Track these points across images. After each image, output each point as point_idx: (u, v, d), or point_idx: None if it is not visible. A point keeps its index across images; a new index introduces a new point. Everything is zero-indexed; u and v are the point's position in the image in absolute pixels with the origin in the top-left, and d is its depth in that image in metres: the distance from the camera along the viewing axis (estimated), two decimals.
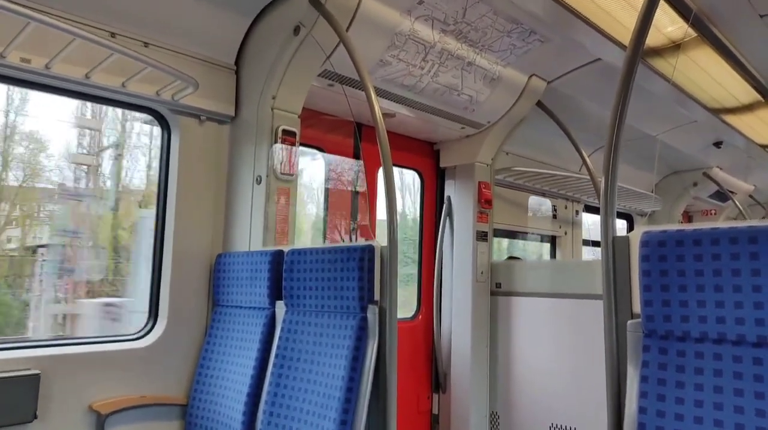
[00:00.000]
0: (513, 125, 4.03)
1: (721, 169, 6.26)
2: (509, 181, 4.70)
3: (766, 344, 1.38)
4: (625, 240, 1.72)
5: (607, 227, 1.75)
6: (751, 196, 7.34)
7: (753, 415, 1.36)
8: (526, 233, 5.19)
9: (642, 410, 1.53)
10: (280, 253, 2.58)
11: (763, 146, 5.49)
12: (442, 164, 4.30)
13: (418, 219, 4.32)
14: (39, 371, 2.30)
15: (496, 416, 3.94)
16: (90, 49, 2.16)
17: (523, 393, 3.81)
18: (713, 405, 1.42)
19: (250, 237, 2.83)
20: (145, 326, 2.79)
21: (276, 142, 2.81)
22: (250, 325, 2.63)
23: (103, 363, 2.53)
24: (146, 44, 2.63)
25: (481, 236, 4.08)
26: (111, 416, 2.50)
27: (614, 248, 1.73)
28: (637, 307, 1.64)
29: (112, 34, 2.51)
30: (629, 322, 1.66)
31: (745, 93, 4.19)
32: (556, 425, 3.58)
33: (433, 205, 4.35)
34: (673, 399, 1.48)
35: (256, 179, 2.83)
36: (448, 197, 4.23)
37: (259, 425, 2.37)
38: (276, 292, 2.58)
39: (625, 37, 3.29)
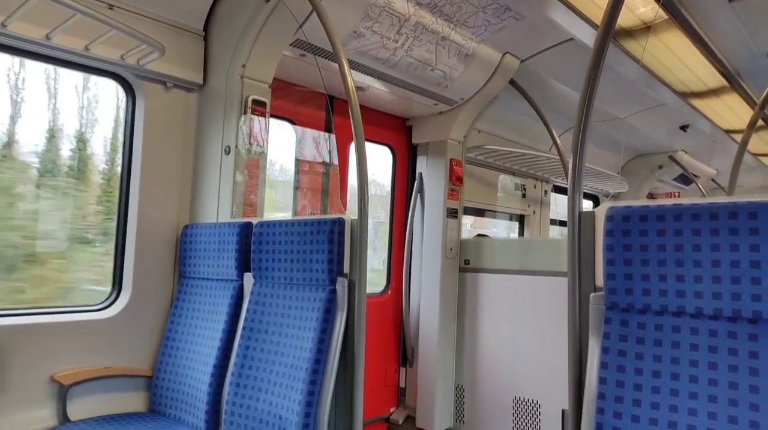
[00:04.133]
0: (486, 103, 4.04)
1: (686, 152, 6.41)
2: (480, 160, 4.73)
3: (723, 317, 1.43)
4: (591, 215, 1.75)
5: (573, 202, 1.78)
6: (713, 179, 7.55)
7: (706, 384, 1.41)
8: (495, 211, 5.24)
9: (602, 380, 1.57)
10: (248, 225, 2.55)
11: (727, 131, 5.63)
12: (414, 140, 4.29)
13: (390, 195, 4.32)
14: None
15: (462, 390, 4.02)
16: (50, 8, 2.07)
17: (488, 367, 3.89)
18: (670, 375, 1.47)
19: (218, 208, 2.78)
20: (109, 296, 2.74)
21: (246, 112, 2.76)
22: (217, 297, 2.61)
23: (66, 334, 2.48)
24: (111, 6, 2.53)
25: (452, 213, 4.10)
26: (73, 387, 2.46)
27: (580, 223, 1.76)
28: (600, 281, 1.68)
29: None
30: (592, 295, 1.69)
31: (712, 77, 4.28)
32: (520, 398, 3.68)
33: (405, 181, 4.35)
34: (633, 370, 1.53)
35: (225, 150, 2.78)
36: (420, 174, 4.23)
37: (226, 396, 2.36)
38: (244, 264, 2.55)
39: (598, 16, 3.31)
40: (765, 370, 1.33)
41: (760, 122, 4.98)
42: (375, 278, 4.27)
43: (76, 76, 2.79)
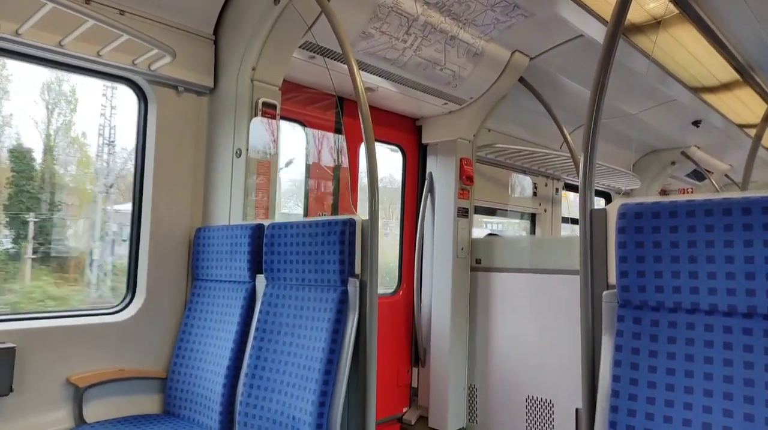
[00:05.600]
0: (495, 101, 4.03)
1: (699, 148, 6.34)
2: (491, 158, 4.71)
3: (737, 313, 1.42)
4: (603, 213, 1.74)
5: (585, 199, 1.77)
6: (727, 175, 7.46)
7: (721, 381, 1.40)
8: (507, 210, 5.23)
9: (615, 378, 1.56)
10: (260, 227, 2.57)
11: (740, 126, 5.56)
12: (424, 140, 4.29)
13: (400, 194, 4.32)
14: (14, 345, 2.27)
15: (474, 389, 4.01)
16: (63, 15, 2.10)
17: (500, 367, 3.87)
18: (684, 373, 1.46)
19: (230, 211, 2.80)
20: (123, 299, 2.77)
21: (256, 115, 2.77)
22: (230, 298, 2.63)
23: (81, 337, 2.51)
24: (122, 12, 2.55)
25: (462, 213, 4.10)
26: (89, 389, 2.49)
27: (592, 221, 1.75)
28: (613, 278, 1.67)
29: (87, 0, 2.43)
30: (605, 292, 1.68)
31: (724, 72, 4.23)
32: (533, 397, 3.66)
33: (415, 181, 4.35)
34: (646, 367, 1.52)
35: (236, 152, 2.80)
36: (430, 173, 4.23)
37: (240, 397, 2.38)
38: (256, 266, 2.57)
39: (608, 12, 3.27)
40: None
41: None
42: None
43: None
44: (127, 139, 2.88)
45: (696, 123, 5.46)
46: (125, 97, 2.81)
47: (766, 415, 1.31)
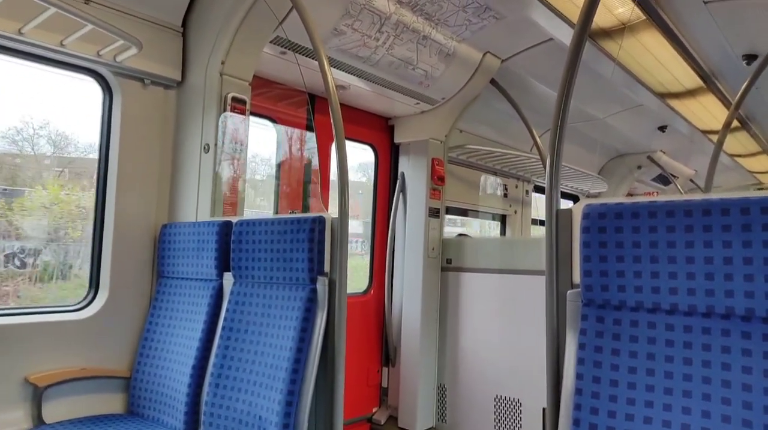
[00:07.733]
0: (467, 102, 4.05)
1: (664, 153, 6.49)
2: (462, 159, 4.74)
3: (697, 313, 1.45)
4: (568, 213, 1.76)
5: (551, 200, 1.79)
6: (691, 180, 7.65)
7: (681, 380, 1.42)
8: (478, 211, 5.27)
9: (579, 376, 1.58)
10: (228, 224, 2.53)
11: (704, 132, 5.71)
12: (396, 140, 4.29)
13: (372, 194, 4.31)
14: None
15: (444, 389, 4.02)
16: (24, 2, 2.03)
17: (470, 366, 3.90)
18: (646, 371, 1.48)
19: (197, 207, 2.75)
20: (86, 296, 2.70)
21: (225, 110, 2.73)
22: (196, 297, 2.58)
23: (41, 335, 2.44)
24: (87, 1, 2.49)
25: (433, 213, 4.11)
26: (49, 388, 2.41)
27: (557, 221, 1.77)
28: (577, 278, 1.69)
29: None
30: (569, 292, 1.70)
31: (689, 78, 4.34)
32: (502, 397, 3.69)
33: (387, 180, 4.35)
34: (609, 366, 1.54)
35: (204, 148, 2.75)
36: (402, 173, 4.24)
37: (205, 396, 2.34)
38: (224, 263, 2.53)
39: (577, 16, 3.33)
40: (737, 365, 1.35)
41: (736, 123, 5.07)
42: None
43: None
44: None
45: (662, 128, 5.59)
46: None
47: (722, 412, 1.34)
